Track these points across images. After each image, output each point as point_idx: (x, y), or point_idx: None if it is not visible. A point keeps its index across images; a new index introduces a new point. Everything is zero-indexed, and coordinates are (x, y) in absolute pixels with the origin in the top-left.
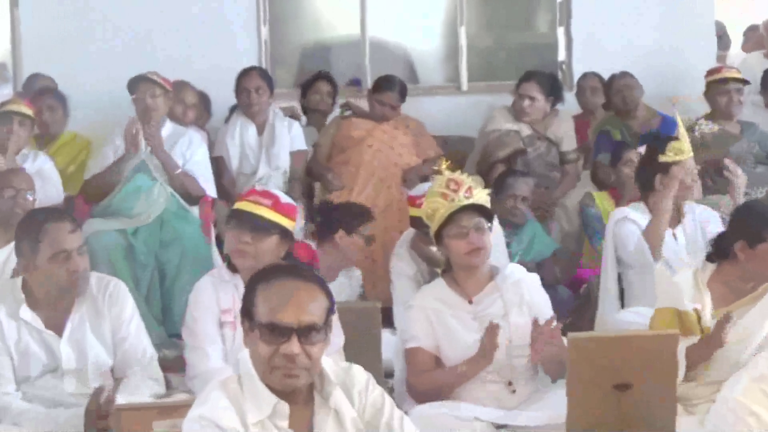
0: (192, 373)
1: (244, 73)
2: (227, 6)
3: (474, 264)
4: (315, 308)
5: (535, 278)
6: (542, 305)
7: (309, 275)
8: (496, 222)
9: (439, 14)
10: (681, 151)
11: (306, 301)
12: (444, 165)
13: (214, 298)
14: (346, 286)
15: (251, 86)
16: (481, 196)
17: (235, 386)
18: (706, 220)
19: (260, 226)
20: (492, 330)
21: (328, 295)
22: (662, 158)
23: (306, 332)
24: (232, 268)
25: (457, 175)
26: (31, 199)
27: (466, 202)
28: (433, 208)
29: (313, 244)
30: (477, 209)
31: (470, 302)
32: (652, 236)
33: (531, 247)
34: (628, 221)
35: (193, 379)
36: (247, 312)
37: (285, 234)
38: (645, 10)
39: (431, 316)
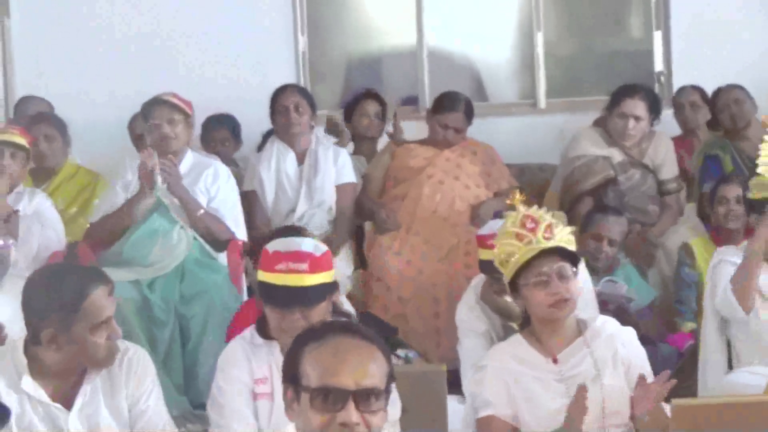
0: None
1: (280, 90)
2: (258, 12)
3: (557, 318)
4: (375, 370)
5: (630, 332)
6: (640, 364)
7: (366, 333)
8: (582, 266)
9: (511, 18)
10: (765, 186)
11: (364, 361)
12: (517, 198)
13: (246, 367)
14: None
15: (289, 102)
16: (564, 236)
17: None
18: None
19: (307, 299)
20: (580, 394)
21: (388, 358)
22: (749, 195)
23: (365, 397)
24: (264, 333)
25: (534, 210)
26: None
27: (546, 244)
28: (506, 252)
29: None
30: (559, 252)
31: (554, 361)
32: (735, 286)
33: None
34: (725, 264)
35: None
36: (292, 377)
37: (332, 289)
38: (758, 9)
39: (508, 379)
